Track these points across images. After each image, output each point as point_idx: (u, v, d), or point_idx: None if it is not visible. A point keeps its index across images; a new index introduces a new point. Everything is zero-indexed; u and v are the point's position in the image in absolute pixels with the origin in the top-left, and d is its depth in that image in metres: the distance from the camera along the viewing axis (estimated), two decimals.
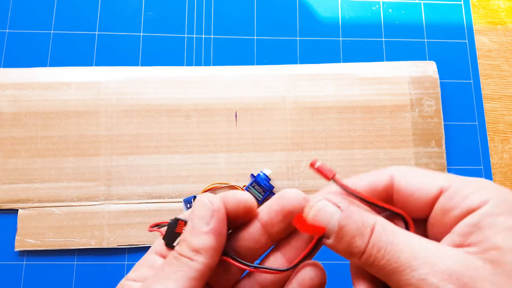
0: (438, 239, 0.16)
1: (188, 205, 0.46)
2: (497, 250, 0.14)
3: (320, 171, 0.19)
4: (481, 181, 0.16)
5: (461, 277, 0.14)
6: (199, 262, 0.19)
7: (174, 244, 0.21)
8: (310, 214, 0.18)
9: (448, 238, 0.16)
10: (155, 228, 0.22)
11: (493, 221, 0.14)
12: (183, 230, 0.21)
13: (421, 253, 0.15)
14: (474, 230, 0.15)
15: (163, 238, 0.21)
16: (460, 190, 0.16)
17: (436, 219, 0.16)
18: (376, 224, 0.16)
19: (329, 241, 0.18)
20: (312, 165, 0.19)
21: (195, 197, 0.46)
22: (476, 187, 0.16)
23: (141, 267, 0.21)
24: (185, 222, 0.21)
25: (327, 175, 0.19)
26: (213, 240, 0.19)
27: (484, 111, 0.52)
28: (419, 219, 0.18)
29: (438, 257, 0.14)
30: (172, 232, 0.21)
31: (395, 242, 0.15)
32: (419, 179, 0.17)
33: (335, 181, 0.18)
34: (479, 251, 0.14)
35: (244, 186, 0.47)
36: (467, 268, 0.14)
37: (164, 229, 0.21)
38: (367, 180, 0.19)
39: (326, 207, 0.18)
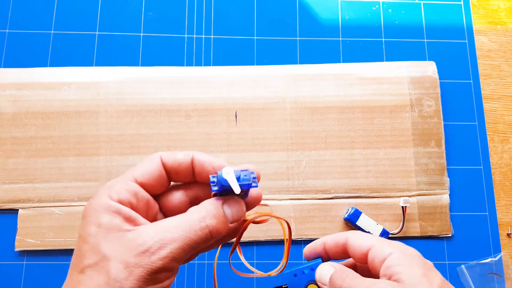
0: (376, 273, 0.28)
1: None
2: (400, 275, 0.27)
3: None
4: (392, 241, 0.29)
5: None
6: None
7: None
8: (317, 274, 0.30)
9: (381, 274, 0.28)
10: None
11: (397, 262, 0.27)
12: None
13: (370, 286, 0.27)
14: (389, 269, 0.28)
15: None
16: (379, 246, 0.29)
17: (370, 262, 0.29)
18: (349, 274, 0.28)
19: (326, 287, 0.30)
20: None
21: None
22: (388, 243, 0.29)
23: (124, 184, 0.25)
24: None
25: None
26: None
27: (484, 111, 0.52)
28: (365, 264, 0.30)
29: (377, 285, 0.27)
30: None
31: (356, 284, 0.27)
32: (360, 240, 0.30)
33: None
34: (394, 279, 0.27)
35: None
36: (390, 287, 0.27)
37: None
38: (334, 237, 0.31)
39: (326, 268, 0.30)
